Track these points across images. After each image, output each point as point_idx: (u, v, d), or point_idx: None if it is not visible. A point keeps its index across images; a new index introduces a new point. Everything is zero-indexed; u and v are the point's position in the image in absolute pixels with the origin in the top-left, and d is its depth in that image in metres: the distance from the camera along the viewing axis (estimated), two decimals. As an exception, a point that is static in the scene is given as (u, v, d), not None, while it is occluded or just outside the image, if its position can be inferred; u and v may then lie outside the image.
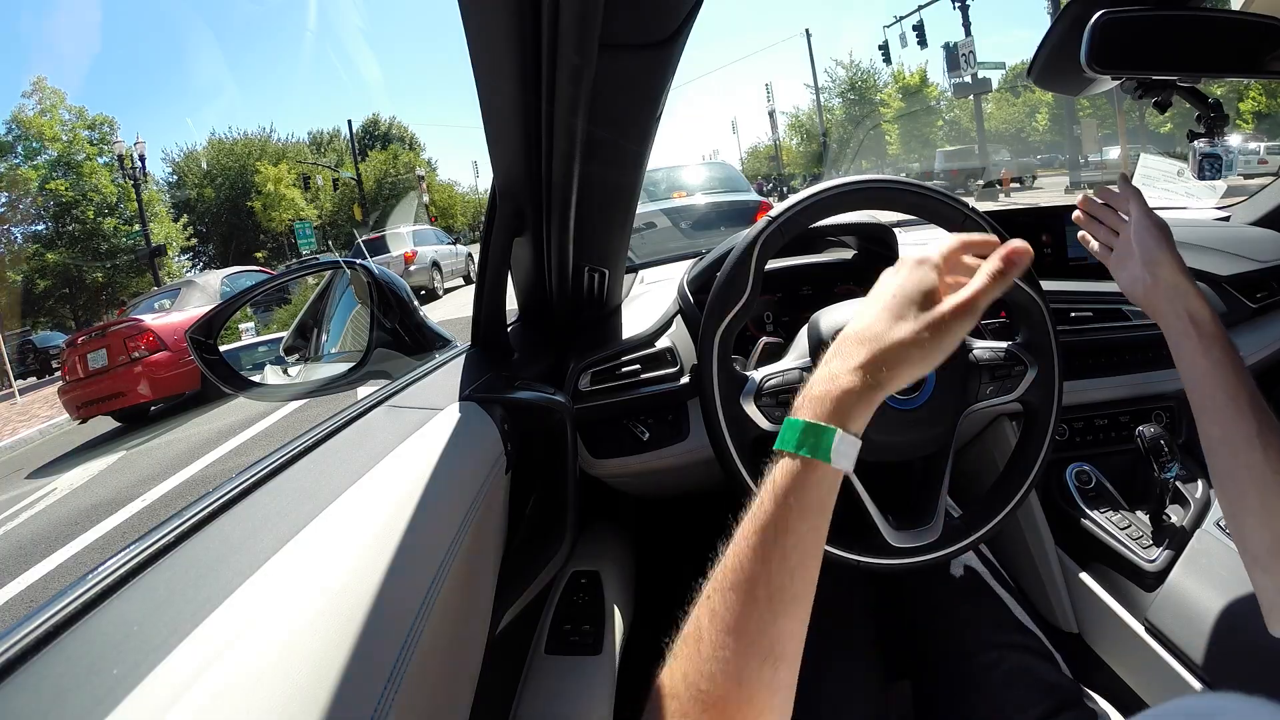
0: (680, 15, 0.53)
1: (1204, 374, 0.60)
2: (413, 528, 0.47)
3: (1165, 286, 0.64)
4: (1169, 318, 0.63)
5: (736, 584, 0.38)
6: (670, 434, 0.93)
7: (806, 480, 0.40)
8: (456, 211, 33.12)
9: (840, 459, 0.41)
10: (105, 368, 6.12)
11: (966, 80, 21.69)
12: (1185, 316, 0.62)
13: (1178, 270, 0.64)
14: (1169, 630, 0.82)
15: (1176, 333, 0.63)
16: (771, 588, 0.38)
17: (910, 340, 0.43)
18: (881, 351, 0.43)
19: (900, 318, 0.44)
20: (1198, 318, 0.61)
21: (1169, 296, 0.64)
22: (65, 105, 19.49)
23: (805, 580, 0.39)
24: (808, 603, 0.39)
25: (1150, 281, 0.66)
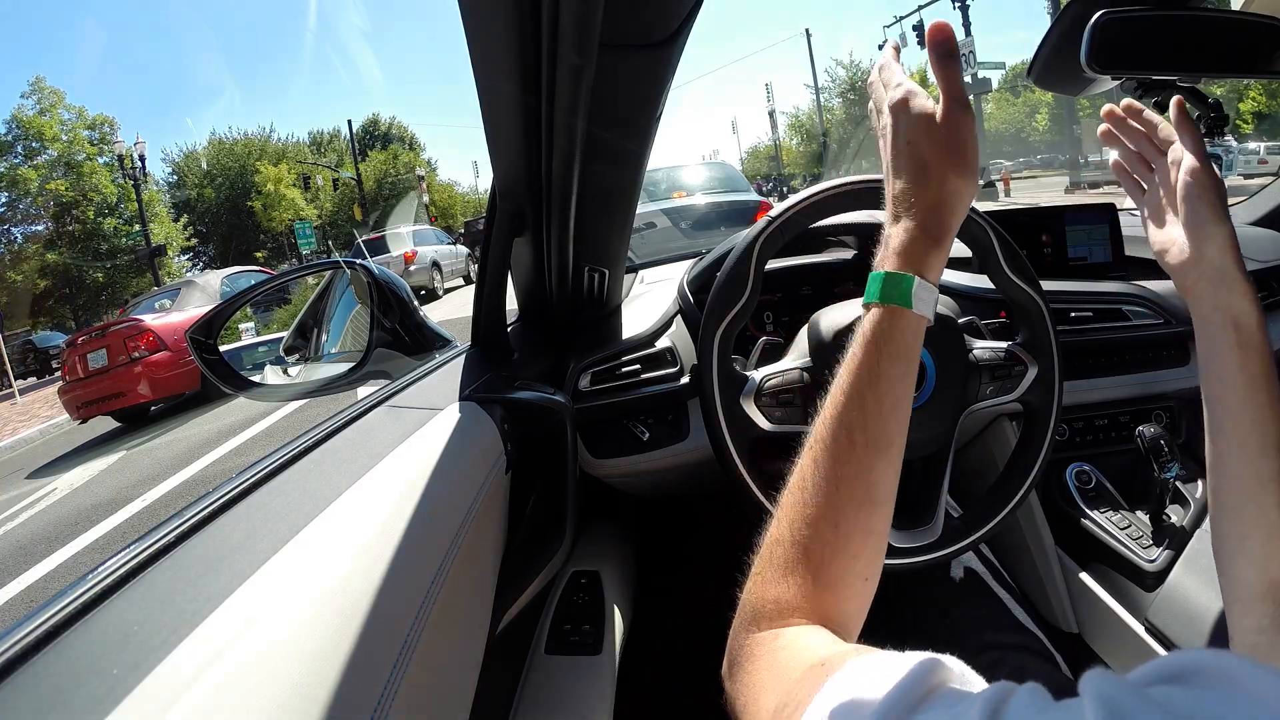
0: (680, 15, 0.53)
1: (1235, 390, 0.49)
2: (413, 528, 0.47)
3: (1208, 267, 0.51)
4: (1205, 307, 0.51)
5: (835, 431, 0.40)
6: (670, 434, 0.93)
7: (893, 327, 0.42)
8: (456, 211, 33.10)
9: (921, 305, 0.42)
10: (105, 368, 6.12)
11: (966, 80, 21.52)
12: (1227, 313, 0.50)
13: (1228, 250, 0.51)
14: (1169, 630, 0.82)
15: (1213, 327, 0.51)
16: (869, 433, 0.39)
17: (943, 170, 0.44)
18: (931, 196, 0.44)
19: (922, 158, 0.45)
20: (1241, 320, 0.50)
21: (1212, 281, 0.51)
22: (65, 105, 19.51)
23: (899, 424, 0.41)
24: (901, 447, 0.41)
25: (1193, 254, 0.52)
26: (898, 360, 0.41)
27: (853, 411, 0.40)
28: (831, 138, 29.45)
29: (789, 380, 0.74)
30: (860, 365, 0.41)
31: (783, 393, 0.74)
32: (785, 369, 0.75)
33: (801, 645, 0.35)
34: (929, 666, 0.27)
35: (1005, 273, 0.73)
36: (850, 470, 0.39)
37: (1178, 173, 0.54)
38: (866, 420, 0.40)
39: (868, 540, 0.39)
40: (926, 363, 0.71)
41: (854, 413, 0.40)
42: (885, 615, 0.85)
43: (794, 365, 0.75)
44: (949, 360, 0.72)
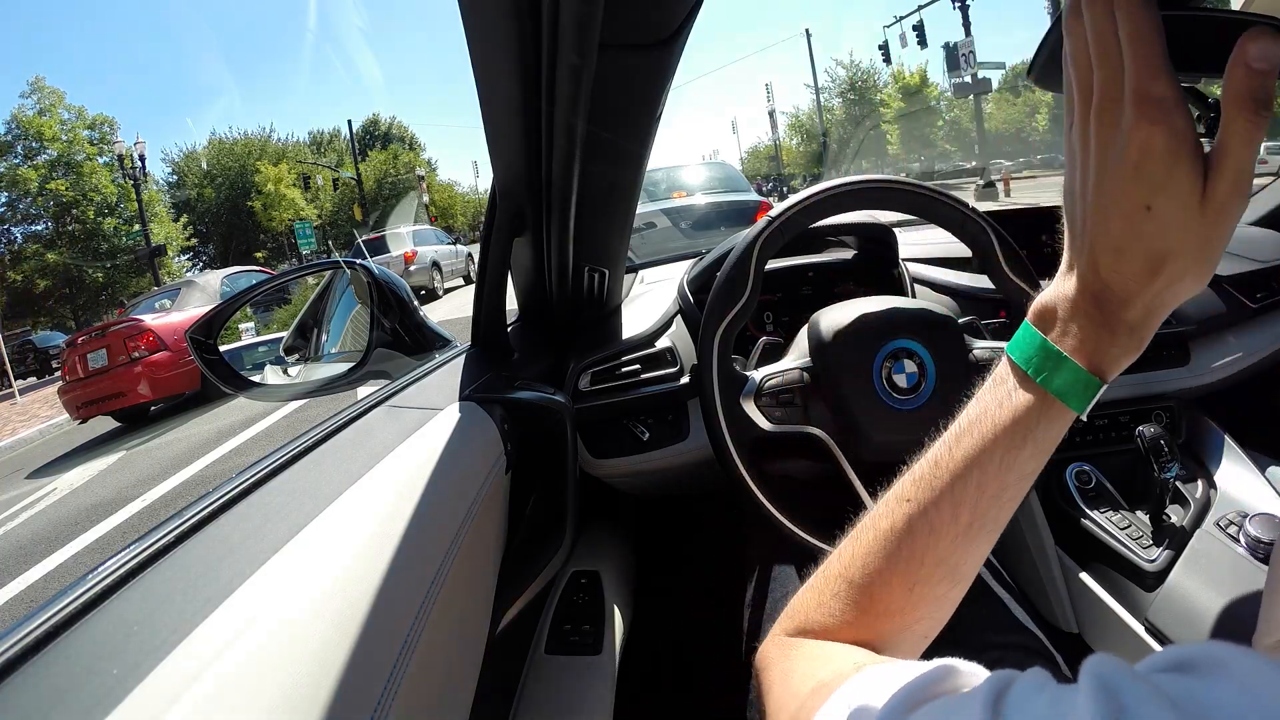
0: (680, 15, 0.53)
1: None
2: (413, 528, 0.47)
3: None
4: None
5: (941, 501, 0.37)
6: (670, 434, 0.93)
7: (1052, 423, 0.36)
8: (456, 211, 33.12)
9: (1088, 408, 0.36)
10: (105, 368, 6.12)
11: (966, 80, 21.68)
12: None
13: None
14: (1169, 630, 0.82)
15: None
16: (977, 515, 0.36)
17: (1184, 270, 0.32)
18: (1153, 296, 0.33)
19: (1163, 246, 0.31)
20: None
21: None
22: (65, 105, 19.51)
23: (1004, 516, 0.37)
24: (994, 538, 0.38)
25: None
26: (1039, 455, 0.36)
27: (969, 488, 0.36)
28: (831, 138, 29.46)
29: (789, 380, 0.74)
30: (994, 445, 0.36)
31: (783, 393, 0.74)
32: (785, 369, 0.75)
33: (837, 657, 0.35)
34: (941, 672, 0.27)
35: (1005, 273, 0.73)
36: (944, 545, 0.36)
37: None
38: (977, 503, 0.36)
39: (938, 608, 0.38)
40: (927, 363, 0.71)
41: (969, 493, 0.36)
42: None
43: (794, 365, 0.75)
44: (949, 360, 0.72)
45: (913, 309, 0.75)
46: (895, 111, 29.27)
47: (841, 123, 30.28)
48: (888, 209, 0.76)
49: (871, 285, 1.06)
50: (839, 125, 30.28)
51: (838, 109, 31.06)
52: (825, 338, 0.73)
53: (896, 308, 0.74)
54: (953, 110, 28.86)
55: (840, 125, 30.24)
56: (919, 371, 0.71)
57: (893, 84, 29.32)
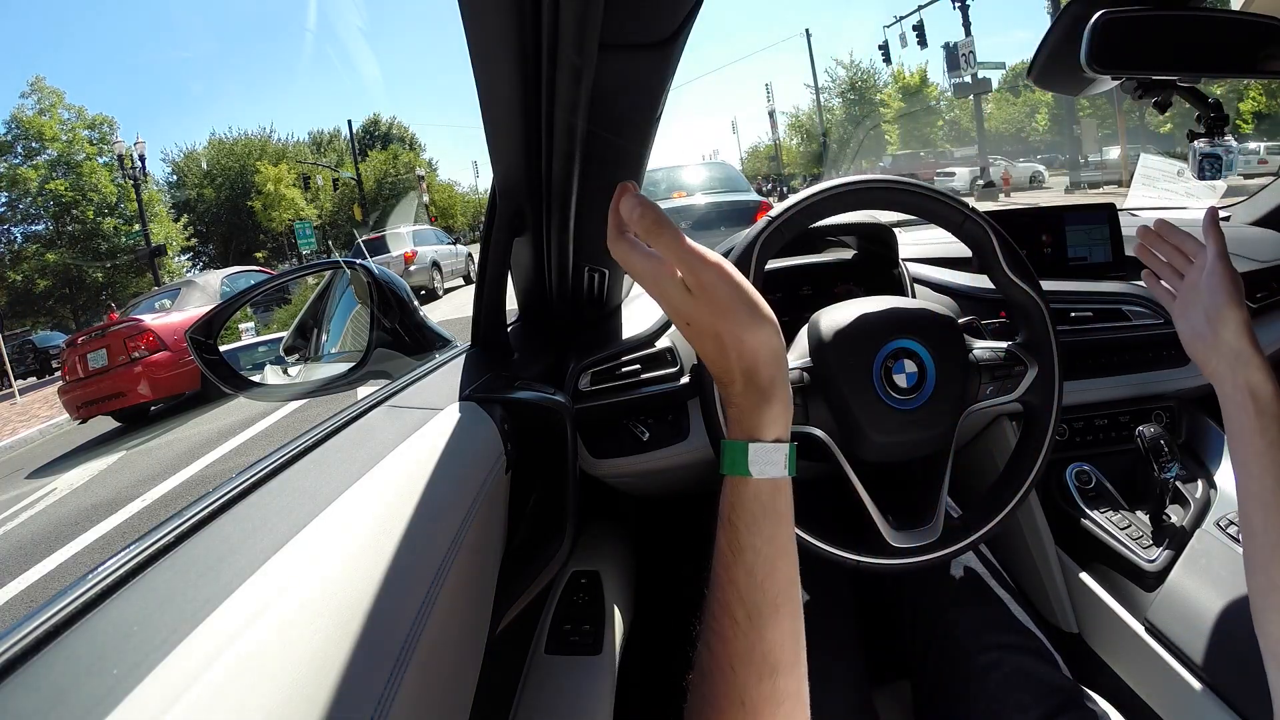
0: (680, 15, 0.53)
1: (1257, 455, 0.54)
2: (413, 528, 0.47)
3: (1226, 349, 0.58)
4: (1226, 385, 0.58)
5: (716, 611, 0.40)
6: (670, 434, 0.93)
7: (741, 496, 0.40)
8: (456, 211, 33.11)
9: (761, 468, 0.40)
10: (105, 368, 6.12)
11: (966, 80, 21.68)
12: (1244, 388, 0.56)
13: (1243, 333, 0.58)
14: (1169, 630, 0.82)
15: (1233, 403, 0.57)
16: (747, 606, 0.39)
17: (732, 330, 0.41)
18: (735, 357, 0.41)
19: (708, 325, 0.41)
20: (1258, 391, 0.55)
21: (1229, 361, 0.58)
22: (64, 104, 19.51)
23: (776, 590, 0.39)
24: (790, 609, 0.40)
25: (1211, 339, 0.60)
26: (756, 527, 0.40)
27: (726, 589, 0.39)
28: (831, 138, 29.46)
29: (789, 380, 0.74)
30: (722, 543, 0.40)
31: (783, 393, 0.74)
32: (785, 369, 0.75)
33: None
34: None
35: (1005, 273, 0.73)
36: (740, 646, 0.38)
37: (1202, 273, 0.61)
38: (741, 595, 0.39)
39: (779, 708, 0.38)
40: (926, 363, 0.71)
41: (727, 590, 0.39)
42: (885, 616, 0.85)
43: (794, 365, 0.75)
44: (949, 360, 0.72)
45: (913, 309, 0.75)
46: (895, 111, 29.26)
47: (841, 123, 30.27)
48: (888, 209, 0.76)
49: (871, 285, 1.06)
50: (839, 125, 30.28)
51: (838, 109, 31.06)
52: (825, 338, 0.73)
53: (896, 308, 0.74)
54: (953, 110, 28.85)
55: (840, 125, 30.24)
56: (919, 371, 0.71)
57: (893, 84, 29.32)
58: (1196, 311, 0.62)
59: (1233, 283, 0.60)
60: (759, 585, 0.39)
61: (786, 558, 0.40)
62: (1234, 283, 0.60)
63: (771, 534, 0.40)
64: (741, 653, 0.38)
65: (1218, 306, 0.59)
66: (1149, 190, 1.54)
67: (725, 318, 0.40)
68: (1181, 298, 0.66)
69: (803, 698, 0.40)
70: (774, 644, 0.38)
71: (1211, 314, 0.60)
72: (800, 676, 0.39)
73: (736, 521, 0.40)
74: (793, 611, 0.40)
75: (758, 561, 0.39)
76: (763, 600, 0.39)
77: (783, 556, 0.40)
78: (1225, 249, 0.62)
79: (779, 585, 0.39)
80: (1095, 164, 18.20)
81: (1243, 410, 0.55)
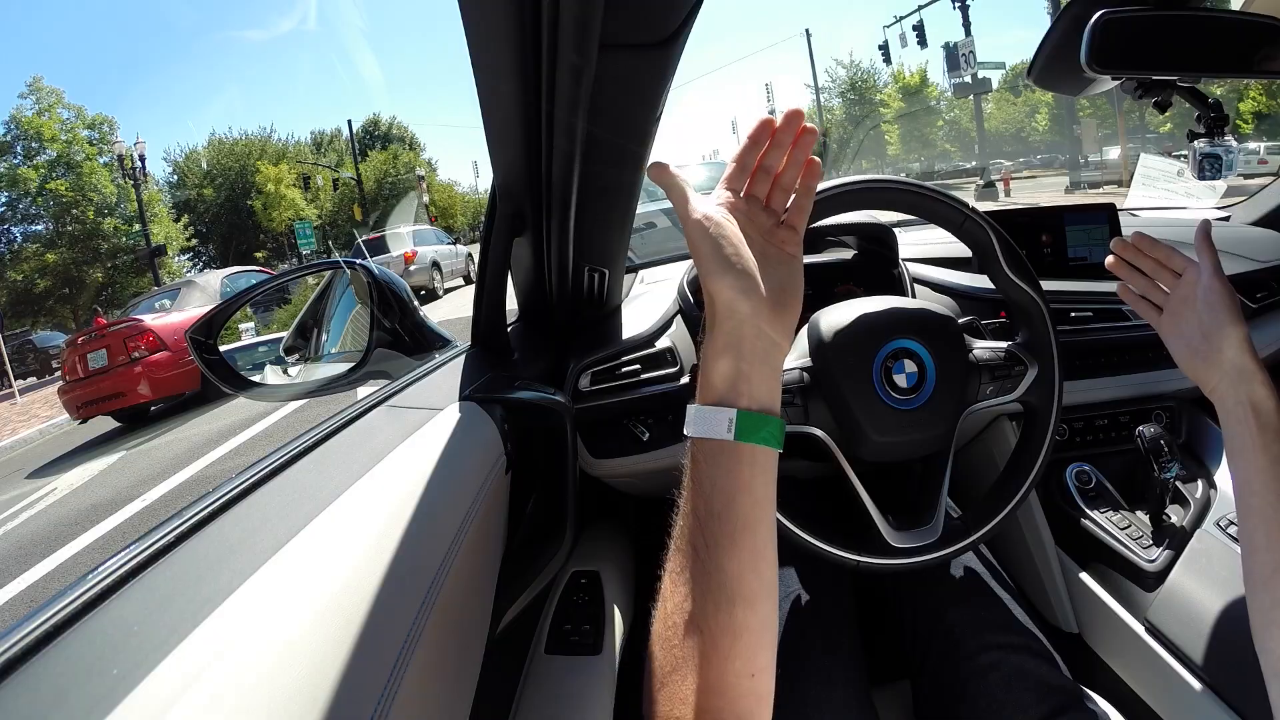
0: (680, 15, 0.53)
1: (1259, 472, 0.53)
2: (413, 528, 0.47)
3: (1229, 366, 0.57)
4: (1228, 401, 0.57)
5: (677, 541, 0.42)
6: (670, 434, 0.93)
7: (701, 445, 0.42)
8: (456, 211, 33.10)
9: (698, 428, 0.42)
10: (105, 368, 6.12)
11: (966, 80, 21.68)
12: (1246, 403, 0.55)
13: (1245, 349, 0.57)
14: (1169, 630, 0.82)
15: (1235, 419, 0.56)
16: (705, 536, 0.40)
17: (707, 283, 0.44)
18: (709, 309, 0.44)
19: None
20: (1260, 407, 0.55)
21: (1232, 378, 0.57)
22: (64, 104, 19.50)
23: (735, 523, 0.40)
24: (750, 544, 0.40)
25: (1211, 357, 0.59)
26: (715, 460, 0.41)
27: (687, 520, 0.41)
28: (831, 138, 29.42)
29: (789, 380, 0.74)
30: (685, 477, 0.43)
31: (783, 392, 0.74)
32: (785, 369, 0.75)
33: None
34: None
35: (1005, 273, 0.73)
36: (698, 574, 0.39)
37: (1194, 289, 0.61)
38: (702, 525, 0.40)
39: (738, 640, 0.38)
40: (926, 363, 0.71)
41: (688, 520, 0.41)
42: (885, 616, 0.85)
43: (794, 365, 0.75)
44: (949, 360, 0.72)
45: (913, 309, 0.75)
46: (895, 111, 29.26)
47: (841, 123, 30.26)
48: (888, 209, 0.76)
49: (871, 285, 1.06)
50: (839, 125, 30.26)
51: (838, 109, 31.04)
52: (825, 338, 0.73)
53: (896, 308, 0.74)
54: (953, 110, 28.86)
55: (840, 125, 30.22)
56: (919, 371, 0.71)
57: (893, 84, 29.32)
58: (1190, 327, 0.61)
59: (1231, 297, 0.59)
60: (716, 516, 0.40)
61: (748, 494, 0.41)
62: (1232, 297, 0.59)
63: (731, 468, 0.41)
64: (699, 581, 0.39)
65: (1219, 324, 0.58)
66: (1149, 190, 1.54)
67: (701, 266, 0.43)
68: (1170, 313, 0.65)
69: (765, 635, 0.40)
70: (732, 575, 0.39)
71: (1210, 330, 0.59)
72: (763, 614, 0.40)
73: (697, 455, 0.42)
74: (753, 547, 0.40)
75: (715, 493, 0.40)
76: (720, 532, 0.40)
77: (743, 492, 0.41)
78: (1219, 264, 0.61)
79: (738, 519, 0.40)
80: (1095, 164, 18.20)
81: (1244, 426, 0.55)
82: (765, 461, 0.42)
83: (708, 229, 0.43)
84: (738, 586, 0.39)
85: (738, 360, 0.42)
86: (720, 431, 0.41)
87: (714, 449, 0.41)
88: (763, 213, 0.46)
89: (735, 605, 0.39)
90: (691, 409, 0.43)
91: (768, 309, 0.42)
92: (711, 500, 0.40)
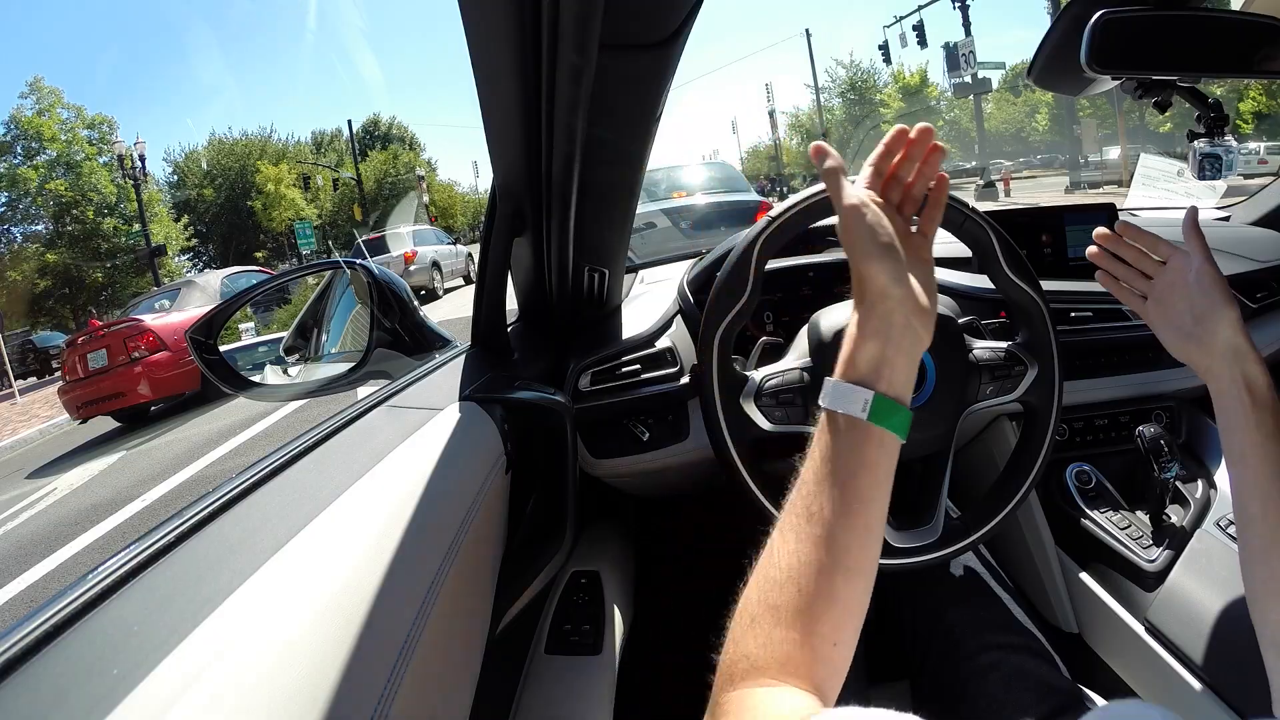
0: (680, 15, 0.53)
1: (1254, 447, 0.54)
2: (413, 528, 0.47)
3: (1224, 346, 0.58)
4: (1223, 381, 0.58)
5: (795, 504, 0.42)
6: (670, 434, 0.93)
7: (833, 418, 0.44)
8: (456, 211, 33.11)
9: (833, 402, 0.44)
10: (105, 368, 6.12)
11: (966, 80, 21.67)
12: (1241, 382, 0.56)
13: (1238, 329, 0.58)
14: (1169, 630, 0.82)
15: (1229, 398, 0.57)
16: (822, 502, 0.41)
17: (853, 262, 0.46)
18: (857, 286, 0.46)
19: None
20: (1255, 384, 0.56)
21: (1227, 358, 0.57)
22: (63, 104, 19.49)
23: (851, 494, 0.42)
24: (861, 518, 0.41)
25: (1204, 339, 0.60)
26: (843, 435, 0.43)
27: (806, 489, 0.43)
28: (831, 138, 29.44)
29: (789, 380, 0.74)
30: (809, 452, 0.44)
31: (783, 393, 0.74)
32: (785, 369, 0.75)
33: (770, 707, 0.36)
34: None
35: (1005, 273, 0.73)
36: (808, 534, 0.41)
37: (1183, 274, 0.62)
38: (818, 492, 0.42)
39: (831, 606, 0.39)
40: (927, 362, 0.71)
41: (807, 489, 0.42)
42: (885, 616, 0.85)
43: (794, 365, 0.75)
44: (949, 360, 0.72)
45: None
46: (895, 112, 29.23)
47: (841, 123, 30.27)
48: None
49: None
50: (839, 125, 30.27)
51: (838, 109, 31.06)
52: (825, 338, 0.73)
53: None
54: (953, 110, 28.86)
55: (840, 125, 30.23)
56: (919, 371, 0.71)
57: (893, 84, 29.33)
58: (1180, 311, 0.62)
59: (1222, 281, 0.61)
60: (837, 486, 0.41)
61: (870, 473, 0.42)
62: (1223, 281, 0.61)
63: (858, 445, 0.42)
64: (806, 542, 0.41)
65: (1212, 306, 0.59)
66: (1149, 190, 1.54)
67: (856, 249, 0.45)
68: (1157, 299, 0.65)
69: (855, 609, 0.41)
70: (840, 545, 0.40)
71: (1203, 313, 0.60)
72: (859, 589, 0.41)
73: (828, 426, 0.43)
74: (865, 523, 0.42)
75: (839, 466, 0.42)
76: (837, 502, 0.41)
77: (866, 470, 0.42)
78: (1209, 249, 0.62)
79: (856, 493, 0.42)
80: (1095, 164, 18.19)
81: (1239, 402, 0.56)
82: (890, 446, 0.43)
83: (865, 214, 0.45)
84: (843, 556, 0.40)
85: (884, 346, 0.44)
86: (855, 410, 0.42)
87: (846, 424, 0.43)
88: (897, 217, 0.48)
89: (836, 573, 0.40)
90: (829, 382, 0.44)
91: (914, 300, 0.44)
92: (835, 472, 0.42)
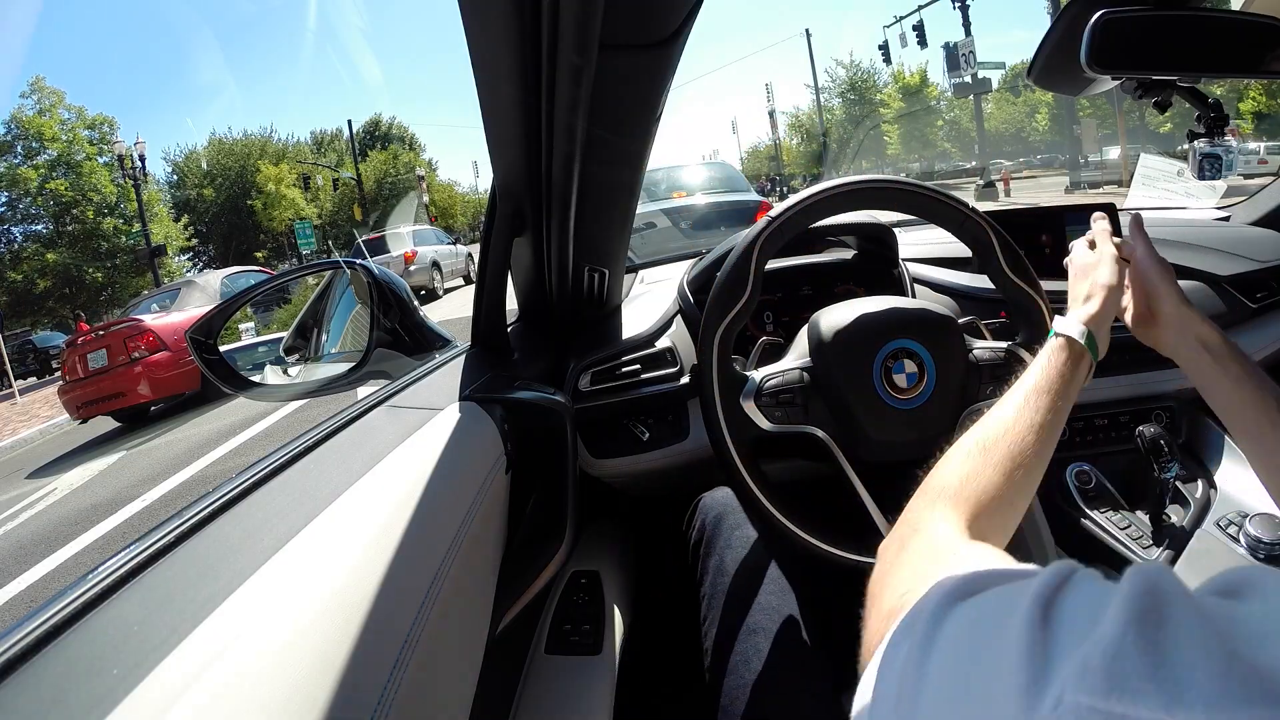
0: (680, 15, 0.53)
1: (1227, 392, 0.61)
2: (413, 528, 0.47)
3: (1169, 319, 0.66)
4: (1180, 349, 0.65)
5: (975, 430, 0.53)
6: (670, 434, 0.93)
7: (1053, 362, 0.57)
8: (456, 211, 33.11)
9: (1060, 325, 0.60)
10: (105, 368, 6.12)
11: (966, 80, 21.66)
12: (1195, 344, 0.63)
13: (1180, 300, 0.66)
14: (1169, 630, 0.82)
15: (1192, 362, 0.64)
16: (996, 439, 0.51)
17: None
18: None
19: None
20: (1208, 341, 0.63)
21: (1176, 328, 0.65)
22: (65, 105, 19.49)
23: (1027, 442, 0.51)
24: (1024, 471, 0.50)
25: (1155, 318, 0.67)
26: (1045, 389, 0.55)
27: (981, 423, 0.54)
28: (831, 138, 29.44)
29: (789, 380, 0.74)
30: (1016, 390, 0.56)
31: (783, 393, 0.74)
32: (785, 369, 0.75)
33: (941, 539, 0.43)
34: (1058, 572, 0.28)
35: (1005, 273, 0.73)
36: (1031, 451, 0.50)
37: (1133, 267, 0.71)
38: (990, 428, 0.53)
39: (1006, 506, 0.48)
40: (926, 363, 0.71)
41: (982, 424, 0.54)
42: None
43: (794, 365, 0.75)
44: (949, 360, 0.72)
45: (913, 309, 0.75)
46: (895, 112, 29.24)
47: (841, 123, 30.25)
48: (888, 209, 0.76)
49: (871, 285, 1.06)
50: (839, 125, 30.25)
51: (838, 109, 31.04)
52: (825, 338, 0.73)
53: (896, 308, 0.74)
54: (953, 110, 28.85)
55: (840, 125, 30.21)
56: (919, 371, 0.71)
57: (893, 84, 29.31)
58: (1137, 301, 0.69)
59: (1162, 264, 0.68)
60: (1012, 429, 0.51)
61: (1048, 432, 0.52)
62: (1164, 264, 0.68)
63: (1054, 405, 0.53)
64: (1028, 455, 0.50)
65: (1154, 287, 0.67)
66: (1149, 190, 1.54)
67: (1162, 289, 0.65)
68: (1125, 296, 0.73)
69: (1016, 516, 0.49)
70: (1039, 463, 0.50)
71: (1150, 295, 0.67)
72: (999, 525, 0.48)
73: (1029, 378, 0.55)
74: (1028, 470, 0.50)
75: (1025, 411, 0.52)
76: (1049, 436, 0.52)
77: (1048, 429, 0.52)
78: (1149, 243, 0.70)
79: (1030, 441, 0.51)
80: (1095, 164, 18.18)
81: (1202, 359, 0.63)
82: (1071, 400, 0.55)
83: (1168, 269, 0.65)
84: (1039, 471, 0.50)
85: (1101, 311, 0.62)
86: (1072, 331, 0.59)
87: (1052, 378, 0.55)
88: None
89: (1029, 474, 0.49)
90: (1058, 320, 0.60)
91: None
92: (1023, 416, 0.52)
